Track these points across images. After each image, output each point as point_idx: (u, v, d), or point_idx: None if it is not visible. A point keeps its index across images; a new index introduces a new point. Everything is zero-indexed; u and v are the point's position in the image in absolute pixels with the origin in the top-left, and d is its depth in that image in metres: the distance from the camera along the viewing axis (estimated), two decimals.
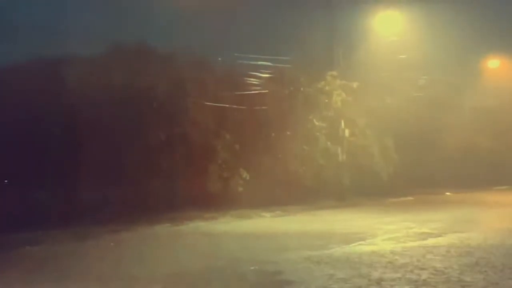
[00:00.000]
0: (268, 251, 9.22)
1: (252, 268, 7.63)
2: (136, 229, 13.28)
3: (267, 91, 20.79)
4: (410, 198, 23.00)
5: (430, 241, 9.56)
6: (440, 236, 10.25)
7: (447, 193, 25.24)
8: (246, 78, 20.68)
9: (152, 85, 17.77)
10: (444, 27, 25.20)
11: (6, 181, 16.68)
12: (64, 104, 16.20)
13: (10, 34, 17.92)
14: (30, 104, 16.09)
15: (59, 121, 16.29)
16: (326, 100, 22.50)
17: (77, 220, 13.81)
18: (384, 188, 23.27)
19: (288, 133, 21.52)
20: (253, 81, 20.73)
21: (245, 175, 19.40)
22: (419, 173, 25.66)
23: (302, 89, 22.21)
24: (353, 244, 9.52)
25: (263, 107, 20.40)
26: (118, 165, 16.57)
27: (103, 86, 16.72)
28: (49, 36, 18.01)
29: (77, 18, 20.18)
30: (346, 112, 22.64)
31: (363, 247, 9.13)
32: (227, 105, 19.32)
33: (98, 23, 20.38)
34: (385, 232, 11.17)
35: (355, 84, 22.44)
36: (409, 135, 25.24)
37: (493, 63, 31.23)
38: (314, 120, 22.24)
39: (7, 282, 7.53)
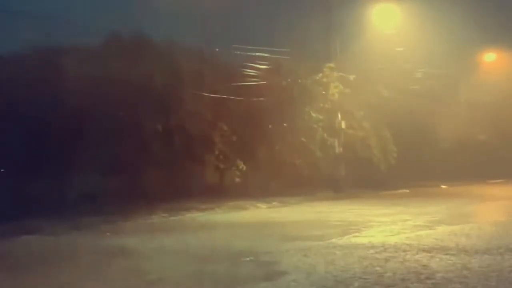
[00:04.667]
0: (264, 242, 9.27)
1: (248, 258, 7.67)
2: (132, 219, 13.30)
3: (264, 82, 20.80)
4: (406, 190, 23.09)
5: (425, 233, 9.62)
6: (434, 228, 10.32)
7: (443, 186, 25.35)
8: (243, 70, 20.68)
9: (149, 75, 17.75)
10: (442, 20, 25.25)
11: (2, 170, 16.69)
12: (60, 94, 16.17)
13: (6, 23, 17.84)
14: (26, 94, 16.06)
15: (55, 111, 16.27)
16: (323, 92, 22.53)
17: (73, 209, 13.84)
18: (381, 180, 23.39)
19: (285, 124, 21.56)
20: (251, 72, 20.73)
21: (242, 166, 19.47)
22: (415, 165, 25.79)
23: (299, 80, 22.23)
24: (348, 236, 9.57)
25: (261, 99, 20.43)
26: (115, 155, 16.58)
27: (100, 76, 16.69)
28: (46, 26, 17.93)
29: (75, 8, 20.10)
30: (343, 104, 22.69)
31: (359, 239, 9.19)
32: (225, 96, 19.32)
33: (95, 13, 20.32)
34: (380, 224, 11.23)
35: (352, 77, 22.47)
36: (405, 128, 25.35)
37: (490, 57, 31.30)
38: (311, 112, 22.27)
39: (4, 270, 7.55)
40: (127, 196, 16.01)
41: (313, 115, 22.31)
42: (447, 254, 7.49)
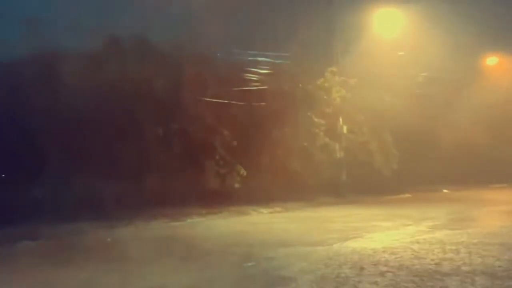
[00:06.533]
0: (265, 247, 9.22)
1: (250, 264, 7.63)
2: (133, 224, 13.27)
3: (266, 87, 20.78)
4: (408, 195, 23.05)
5: (427, 239, 9.58)
6: (436, 233, 10.27)
7: (445, 191, 25.29)
8: (245, 74, 20.67)
9: (151, 80, 17.75)
10: (443, 24, 25.20)
11: (3, 175, 16.68)
12: (60, 98, 16.17)
13: (4, 27, 17.86)
14: (26, 99, 16.07)
15: (56, 116, 16.26)
16: (325, 97, 22.51)
17: (74, 215, 13.78)
18: (382, 185, 23.33)
19: (286, 129, 21.52)
20: (252, 77, 20.72)
21: (242, 171, 19.41)
22: (416, 170, 25.71)
23: (301, 85, 22.23)
24: (350, 241, 9.54)
25: (262, 103, 20.41)
26: (115, 160, 16.56)
27: (100, 81, 16.70)
28: (45, 30, 17.95)
29: (75, 11, 20.11)
30: (344, 109, 22.66)
31: (361, 244, 9.14)
32: (226, 101, 19.30)
33: (96, 16, 20.32)
34: (382, 229, 11.20)
35: (353, 81, 22.45)
36: (407, 132, 25.28)
37: (492, 60, 31.26)
38: (313, 116, 22.24)
39: (5, 276, 7.52)
40: (128, 201, 15.97)
41: (315, 119, 22.27)
42: (450, 259, 7.45)
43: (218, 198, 17.64)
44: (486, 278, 6.24)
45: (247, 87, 20.36)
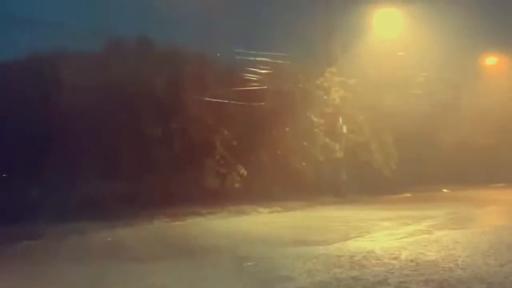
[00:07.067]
0: (265, 246, 9.24)
1: (250, 263, 7.65)
2: (133, 224, 13.28)
3: (265, 87, 20.77)
4: (408, 194, 23.07)
5: (427, 238, 9.60)
6: (435, 233, 10.29)
7: (444, 190, 25.30)
8: (245, 74, 20.67)
9: (151, 80, 17.77)
10: (443, 24, 25.17)
11: (4, 175, 16.70)
12: (61, 99, 16.19)
13: (6, 28, 17.88)
14: (27, 99, 16.09)
15: (57, 116, 16.28)
16: (325, 97, 22.49)
17: (74, 215, 13.80)
18: (382, 185, 23.34)
19: (286, 129, 21.53)
20: (252, 77, 20.71)
21: (242, 171, 19.43)
22: (416, 170, 25.73)
23: (300, 85, 22.20)
24: (350, 241, 9.55)
25: (262, 103, 20.40)
26: (116, 160, 16.58)
27: (101, 81, 16.71)
28: (46, 31, 17.98)
29: (75, 12, 20.14)
30: (344, 109, 22.65)
31: (361, 244, 9.17)
32: (226, 101, 19.31)
33: (97, 17, 20.36)
34: (382, 229, 11.22)
35: (353, 81, 22.45)
36: (407, 132, 25.28)
37: (491, 61, 31.25)
38: (312, 116, 22.23)
39: (6, 276, 7.54)
40: (128, 201, 15.99)
41: (314, 119, 22.26)
42: (450, 259, 7.46)
43: (218, 198, 17.66)
44: (486, 278, 6.26)
45: (247, 87, 20.36)
